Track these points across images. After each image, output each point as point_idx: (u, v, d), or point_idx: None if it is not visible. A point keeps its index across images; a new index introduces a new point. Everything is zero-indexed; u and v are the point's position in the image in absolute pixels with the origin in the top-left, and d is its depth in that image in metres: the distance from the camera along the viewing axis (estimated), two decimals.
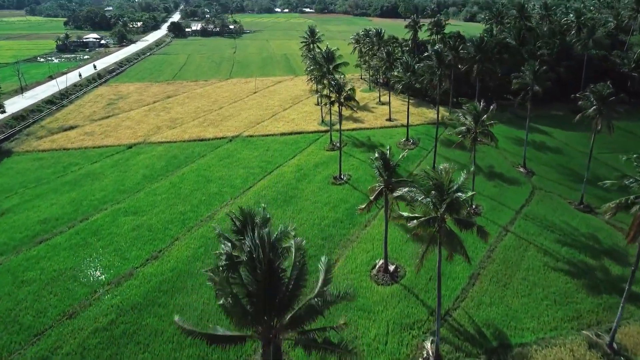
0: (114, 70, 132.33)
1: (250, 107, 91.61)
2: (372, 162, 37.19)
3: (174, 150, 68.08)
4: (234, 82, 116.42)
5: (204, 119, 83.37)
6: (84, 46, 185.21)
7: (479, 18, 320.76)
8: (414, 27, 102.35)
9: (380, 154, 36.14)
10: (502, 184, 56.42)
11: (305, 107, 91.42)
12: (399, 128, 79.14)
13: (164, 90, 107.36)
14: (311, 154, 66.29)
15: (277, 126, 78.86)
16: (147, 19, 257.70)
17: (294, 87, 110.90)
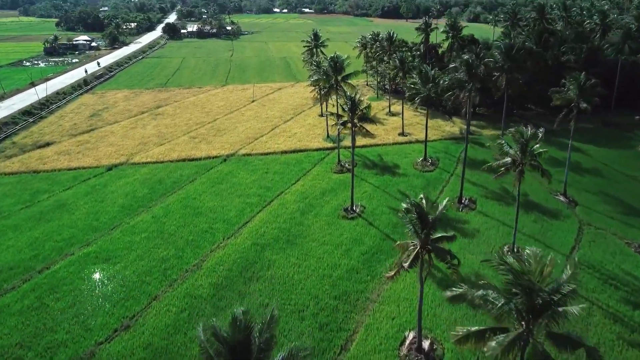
0: (103, 75, 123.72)
1: (247, 119, 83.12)
2: (403, 216, 28.70)
3: (159, 173, 59.57)
4: (230, 89, 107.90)
5: (195, 134, 74.84)
6: (74, 49, 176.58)
7: (483, 18, 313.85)
8: (425, 30, 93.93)
9: (413, 205, 27.69)
10: (542, 217, 48.00)
11: (308, 119, 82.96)
12: (413, 144, 70.76)
13: (154, 99, 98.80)
14: (317, 178, 57.84)
15: (277, 142, 70.39)
16: (141, 20, 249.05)
17: (295, 94, 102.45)
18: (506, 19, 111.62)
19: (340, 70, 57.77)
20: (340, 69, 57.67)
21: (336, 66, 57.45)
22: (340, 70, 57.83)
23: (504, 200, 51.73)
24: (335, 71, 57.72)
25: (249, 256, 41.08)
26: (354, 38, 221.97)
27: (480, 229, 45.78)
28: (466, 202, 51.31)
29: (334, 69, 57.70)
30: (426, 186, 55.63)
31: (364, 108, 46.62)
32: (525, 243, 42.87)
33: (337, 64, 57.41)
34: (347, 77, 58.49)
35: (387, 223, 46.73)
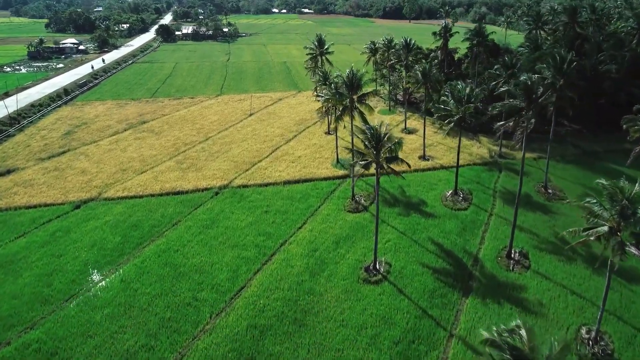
0: (86, 83, 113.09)
1: (244, 138, 72.70)
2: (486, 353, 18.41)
3: (137, 213, 49.14)
4: (225, 100, 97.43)
5: (184, 157, 64.40)
6: (60, 53, 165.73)
7: (489, 19, 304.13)
8: (444, 36, 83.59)
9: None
10: (629, 288, 37.68)
11: (313, 138, 72.58)
12: (438, 171, 60.51)
13: (139, 112, 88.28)
14: (327, 220, 47.49)
15: (278, 169, 60.02)
16: (134, 21, 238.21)
17: (298, 106, 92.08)
18: (529, 22, 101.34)
19: (356, 88, 47.35)
20: (356, 87, 47.25)
21: (352, 83, 47.02)
22: (356, 88, 47.42)
23: (562, 254, 41.41)
24: (351, 89, 47.32)
25: (244, 347, 30.77)
26: (356, 40, 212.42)
27: (544, 299, 35.51)
28: (516, 256, 41.05)
29: (349, 87, 47.29)
30: (462, 231, 45.35)
31: (393, 144, 36.25)
32: (612, 326, 32.60)
33: (354, 81, 46.96)
34: (364, 97, 48.10)
35: (422, 290, 36.47)
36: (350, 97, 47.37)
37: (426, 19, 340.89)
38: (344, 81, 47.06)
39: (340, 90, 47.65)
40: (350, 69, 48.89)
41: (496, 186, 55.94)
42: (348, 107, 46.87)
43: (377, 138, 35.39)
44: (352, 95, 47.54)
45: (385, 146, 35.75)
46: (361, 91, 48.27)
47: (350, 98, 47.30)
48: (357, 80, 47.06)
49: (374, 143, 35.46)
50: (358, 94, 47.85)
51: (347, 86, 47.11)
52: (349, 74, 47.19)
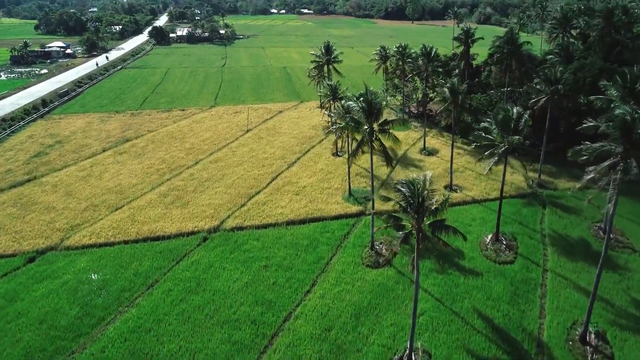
0: (68, 92, 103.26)
1: (240, 161, 63.04)
2: None
3: (105, 268, 39.46)
4: (219, 113, 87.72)
5: (168, 188, 54.70)
6: (46, 57, 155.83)
7: (494, 20, 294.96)
8: (465, 41, 73.89)
9: None
10: None
11: (319, 160, 62.96)
12: (470, 206, 50.90)
13: (123, 127, 78.54)
14: (343, 280, 37.85)
15: (280, 204, 50.35)
16: (127, 23, 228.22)
17: (300, 120, 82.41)
18: (555, 26, 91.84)
19: (377, 113, 37.63)
20: (377, 113, 37.54)
21: (371, 110, 37.30)
22: (377, 114, 37.71)
23: None
24: (370, 116, 37.63)
25: None
26: (359, 43, 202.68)
27: None
28: (592, 339, 31.43)
29: (367, 114, 37.59)
30: (514, 297, 35.75)
31: (440, 204, 26.62)
32: None
33: (373, 106, 37.23)
34: (387, 125, 38.36)
35: None
36: (370, 126, 37.64)
37: (429, 20, 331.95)
38: (360, 106, 37.25)
39: (356, 118, 37.87)
40: (366, 90, 39.09)
41: (543, 227, 46.34)
42: (367, 139, 37.12)
43: (420, 200, 25.69)
44: (372, 123, 37.78)
45: (430, 208, 26.06)
46: (382, 117, 38.53)
47: (369, 127, 37.57)
48: (377, 105, 37.30)
49: (415, 204, 25.76)
50: (379, 120, 38.11)
51: (365, 112, 37.37)
52: (366, 96, 37.40)
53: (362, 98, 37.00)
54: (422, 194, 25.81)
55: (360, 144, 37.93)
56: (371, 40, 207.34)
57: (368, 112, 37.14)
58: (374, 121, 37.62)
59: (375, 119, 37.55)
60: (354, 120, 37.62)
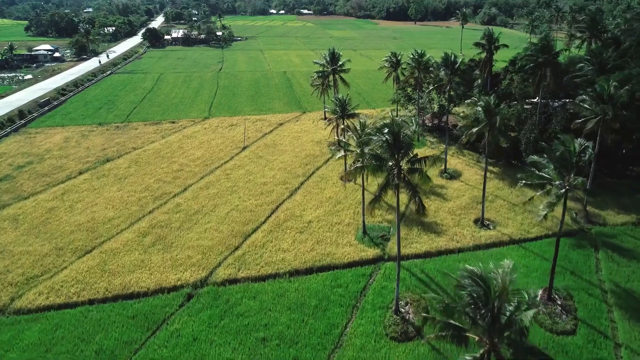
0: (49, 102, 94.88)
1: (234, 187, 54.80)
2: None
3: (59, 343, 31.20)
4: (213, 126, 79.39)
5: (150, 224, 46.38)
6: (32, 61, 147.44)
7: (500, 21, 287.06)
8: (488, 47, 65.69)
9: None
10: None
11: (326, 186, 54.72)
12: (506, 248, 42.73)
13: (105, 144, 70.25)
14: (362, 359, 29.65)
15: (282, 246, 42.12)
16: (120, 24, 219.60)
17: (303, 134, 74.11)
18: (581, 30, 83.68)
19: (406, 150, 29.31)
20: (406, 148, 29.24)
21: (399, 144, 29.02)
22: (406, 149, 29.38)
23: None
24: (395, 149, 29.32)
25: None
26: (362, 45, 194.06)
27: None
28: None
29: (392, 146, 29.30)
30: None
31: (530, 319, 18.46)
32: None
33: (402, 140, 28.93)
34: (416, 164, 30.00)
35: None
36: (398, 164, 29.35)
37: (432, 21, 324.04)
38: (384, 141, 28.92)
39: (380, 154, 29.59)
40: (392, 118, 30.72)
41: (601, 279, 38.14)
42: (394, 180, 28.84)
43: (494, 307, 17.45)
44: (400, 159, 29.48)
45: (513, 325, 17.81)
46: (412, 153, 30.19)
47: (397, 166, 29.29)
48: (406, 138, 29.03)
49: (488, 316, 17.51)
50: (408, 156, 29.79)
51: (391, 148, 29.06)
52: (392, 128, 29.06)
53: (387, 129, 28.63)
54: (498, 301, 17.49)
55: (383, 187, 29.62)
56: (374, 42, 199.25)
57: (394, 147, 28.83)
58: (402, 158, 29.31)
59: (404, 155, 29.24)
60: (375, 158, 29.33)
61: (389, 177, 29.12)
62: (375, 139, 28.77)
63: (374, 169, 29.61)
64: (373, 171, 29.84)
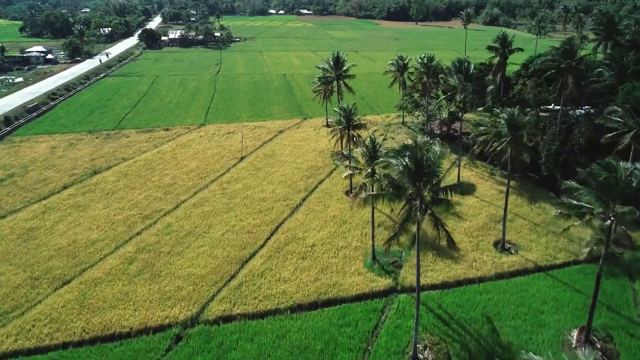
0: (38, 107, 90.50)
1: (230, 204, 50.53)
2: None
3: None
4: (210, 133, 75.10)
5: (137, 247, 42.11)
6: (24, 63, 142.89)
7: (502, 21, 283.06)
8: (502, 51, 61.45)
9: None
10: None
11: (330, 203, 50.48)
12: (532, 277, 38.49)
13: (94, 154, 65.98)
14: None
15: (282, 275, 37.89)
16: (116, 25, 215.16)
17: (304, 143, 69.86)
18: (597, 32, 79.45)
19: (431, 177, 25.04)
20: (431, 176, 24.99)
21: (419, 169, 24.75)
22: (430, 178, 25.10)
23: None
24: (420, 179, 25.07)
25: None
26: (364, 46, 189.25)
27: None
28: None
29: (413, 173, 25.05)
30: None
31: None
32: None
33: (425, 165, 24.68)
34: (443, 193, 25.77)
35: None
36: (420, 194, 25.09)
37: (433, 21, 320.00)
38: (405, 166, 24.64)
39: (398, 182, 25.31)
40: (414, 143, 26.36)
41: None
42: (416, 215, 24.60)
43: None
44: (422, 188, 25.22)
45: None
46: (437, 183, 25.84)
47: (419, 196, 25.03)
48: (431, 163, 24.78)
49: None
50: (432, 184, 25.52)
51: (412, 174, 24.80)
52: (414, 151, 24.79)
53: (408, 154, 24.36)
54: None
55: (403, 224, 25.33)
56: (376, 43, 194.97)
57: (417, 174, 24.57)
58: (425, 187, 25.04)
59: (427, 183, 24.98)
60: (394, 186, 25.09)
61: (409, 210, 24.82)
62: (394, 164, 24.44)
63: (390, 199, 25.33)
64: (389, 200, 25.55)
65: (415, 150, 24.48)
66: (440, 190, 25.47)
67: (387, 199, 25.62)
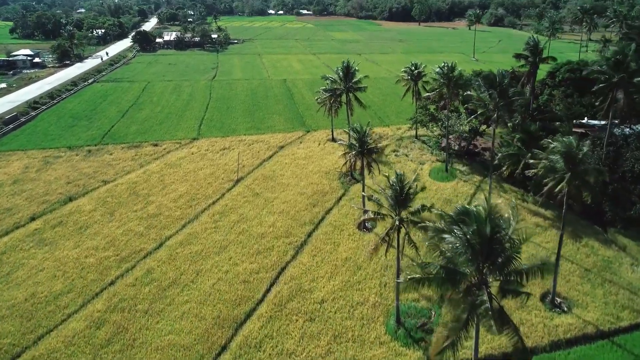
0: (17, 117, 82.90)
1: (224, 242, 43.02)
2: None
3: None
4: (202, 150, 67.57)
5: (107, 306, 34.59)
6: (10, 67, 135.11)
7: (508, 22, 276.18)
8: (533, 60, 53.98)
9: None
10: None
11: (341, 240, 43.02)
12: (594, 346, 31.03)
13: (71, 175, 58.46)
14: None
15: (285, 347, 30.42)
16: (110, 26, 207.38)
17: (308, 161, 62.40)
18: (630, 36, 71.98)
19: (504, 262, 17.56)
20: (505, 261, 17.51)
21: (486, 247, 17.34)
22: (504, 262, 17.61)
23: None
24: (482, 260, 17.61)
25: None
26: (367, 49, 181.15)
27: None
28: None
29: (477, 254, 17.57)
30: None
31: None
32: None
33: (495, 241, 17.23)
34: (513, 280, 18.28)
35: None
36: (485, 282, 17.59)
37: (435, 21, 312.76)
38: (466, 244, 17.17)
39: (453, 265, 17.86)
40: (487, 214, 18.73)
41: None
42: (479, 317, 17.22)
43: None
44: (488, 273, 17.73)
45: None
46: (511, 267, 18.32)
47: (484, 285, 17.54)
48: (503, 240, 17.32)
49: None
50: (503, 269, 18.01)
51: (476, 255, 17.38)
52: (481, 223, 17.29)
53: (474, 229, 16.89)
54: None
55: (464, 324, 17.80)
56: (379, 45, 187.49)
57: (482, 255, 17.10)
58: (492, 272, 17.55)
59: (496, 267, 17.49)
60: (449, 272, 17.63)
61: (470, 306, 17.37)
62: (448, 240, 17.02)
63: (440, 284, 17.87)
64: (438, 286, 18.14)
65: (481, 219, 17.00)
66: (512, 274, 17.97)
67: (436, 285, 18.20)
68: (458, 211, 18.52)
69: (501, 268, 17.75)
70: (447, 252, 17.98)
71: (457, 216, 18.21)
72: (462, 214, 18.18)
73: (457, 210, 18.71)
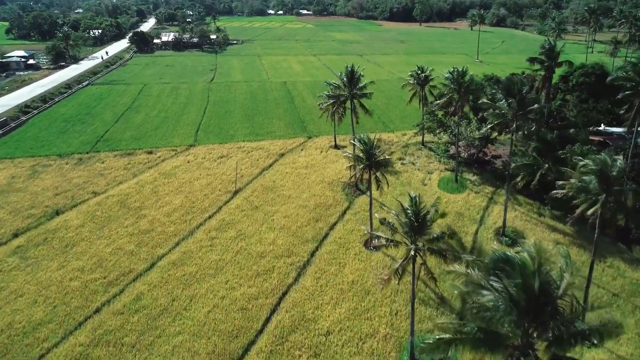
0: (7, 122, 79.67)
1: (219, 263, 39.86)
2: None
3: None
4: (199, 158, 64.39)
5: (91, 338, 31.41)
6: (3, 69, 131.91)
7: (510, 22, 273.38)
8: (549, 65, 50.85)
9: None
10: None
11: (347, 261, 39.84)
12: None
13: (60, 186, 55.24)
14: None
15: None
16: (107, 26, 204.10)
17: (310, 171, 59.22)
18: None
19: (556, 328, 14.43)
20: (558, 325, 14.40)
21: (533, 304, 14.18)
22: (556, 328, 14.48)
23: None
24: (527, 319, 14.44)
25: None
26: (368, 49, 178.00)
27: None
28: None
29: (523, 311, 14.44)
30: None
31: None
32: None
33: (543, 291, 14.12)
34: (567, 347, 15.14)
35: None
36: (530, 344, 14.52)
37: (437, 22, 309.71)
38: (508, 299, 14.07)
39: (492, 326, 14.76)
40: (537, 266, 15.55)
41: None
42: None
43: None
44: (534, 335, 14.60)
45: None
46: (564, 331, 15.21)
47: (529, 348, 14.48)
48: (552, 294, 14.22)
49: None
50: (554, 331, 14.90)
51: (521, 312, 14.27)
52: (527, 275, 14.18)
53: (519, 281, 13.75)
54: None
55: None
56: (380, 46, 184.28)
57: (527, 313, 13.95)
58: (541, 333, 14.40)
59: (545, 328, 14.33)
60: (488, 334, 14.50)
61: None
62: (487, 297, 13.88)
63: (476, 347, 14.74)
64: (475, 349, 15.01)
65: (528, 271, 13.86)
66: (568, 338, 14.82)
67: (470, 348, 15.09)
68: (497, 258, 15.38)
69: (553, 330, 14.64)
70: (485, 311, 14.83)
71: (495, 264, 15.08)
72: (501, 262, 15.05)
73: (495, 257, 15.56)
